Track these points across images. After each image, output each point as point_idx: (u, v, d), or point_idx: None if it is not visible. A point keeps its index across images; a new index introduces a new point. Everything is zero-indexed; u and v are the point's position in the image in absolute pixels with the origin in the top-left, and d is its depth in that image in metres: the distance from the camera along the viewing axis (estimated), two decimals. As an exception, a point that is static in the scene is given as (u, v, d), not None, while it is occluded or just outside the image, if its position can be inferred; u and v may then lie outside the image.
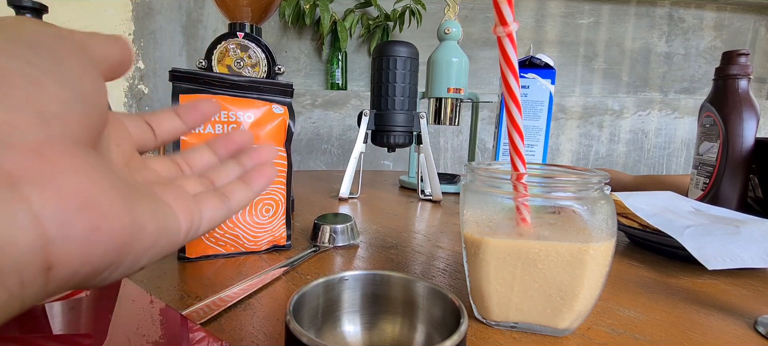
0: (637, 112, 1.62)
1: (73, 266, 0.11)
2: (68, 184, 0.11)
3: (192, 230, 0.16)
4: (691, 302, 0.32)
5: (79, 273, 0.11)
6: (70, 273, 0.11)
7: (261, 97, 0.37)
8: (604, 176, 0.24)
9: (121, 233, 0.12)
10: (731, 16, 1.71)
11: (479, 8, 1.59)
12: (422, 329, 0.22)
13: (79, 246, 0.11)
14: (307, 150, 1.44)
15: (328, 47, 1.53)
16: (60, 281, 0.11)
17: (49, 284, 0.11)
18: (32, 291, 0.10)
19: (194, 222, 0.16)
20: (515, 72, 0.25)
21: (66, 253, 0.11)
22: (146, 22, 1.05)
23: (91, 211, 0.11)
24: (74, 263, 0.11)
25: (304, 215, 0.55)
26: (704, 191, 0.59)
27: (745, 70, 0.55)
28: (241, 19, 0.49)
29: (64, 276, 0.11)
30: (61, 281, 0.11)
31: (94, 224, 0.11)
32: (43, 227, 0.10)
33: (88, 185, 0.11)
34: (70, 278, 0.11)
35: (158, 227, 0.14)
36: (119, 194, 0.12)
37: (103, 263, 0.12)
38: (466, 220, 0.26)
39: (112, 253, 0.12)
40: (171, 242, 0.15)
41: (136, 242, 0.13)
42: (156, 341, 0.18)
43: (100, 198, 0.11)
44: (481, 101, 0.77)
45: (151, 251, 0.14)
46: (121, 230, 0.12)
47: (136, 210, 0.13)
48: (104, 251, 0.11)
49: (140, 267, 0.14)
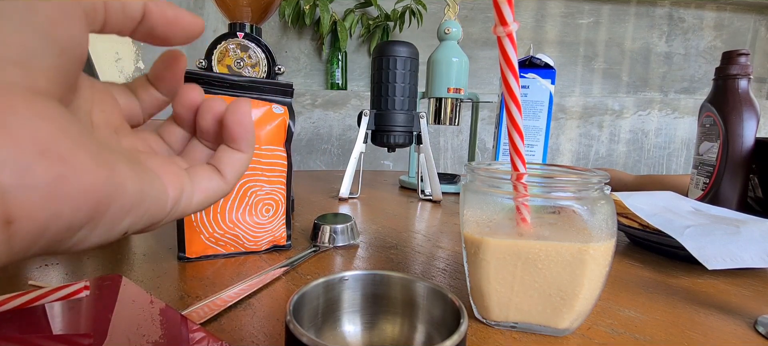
0: (637, 112, 1.62)
1: (39, 220, 0.10)
2: (24, 129, 0.10)
3: (183, 199, 0.16)
4: (691, 302, 0.32)
5: (49, 230, 0.10)
6: (37, 228, 0.10)
7: (261, 97, 0.37)
8: (604, 175, 0.24)
9: (94, 187, 0.11)
10: (731, 16, 1.71)
11: (479, 8, 1.59)
12: (422, 329, 0.22)
13: (42, 197, 0.10)
14: (307, 150, 1.44)
15: (328, 47, 1.53)
16: (25, 237, 0.10)
17: (13, 241, 0.10)
18: None
19: (185, 191, 0.16)
20: (515, 72, 0.25)
21: (27, 204, 0.10)
22: (146, 22, 1.05)
23: (53, 158, 0.10)
24: (39, 217, 0.10)
25: (304, 215, 0.55)
26: (704, 191, 0.59)
27: (745, 70, 0.55)
28: (241, 19, 0.49)
29: (30, 231, 0.10)
30: (26, 237, 0.10)
31: (59, 173, 0.10)
32: None
33: (48, 131, 0.10)
34: (37, 235, 0.10)
35: (141, 189, 0.13)
36: (89, 146, 0.11)
37: (75, 220, 0.11)
38: (466, 220, 0.26)
39: (84, 209, 0.11)
40: (157, 208, 0.14)
41: (112, 200, 0.12)
42: (156, 341, 0.18)
43: (65, 146, 0.10)
44: (481, 101, 0.77)
45: (132, 213, 0.13)
46: (93, 183, 0.11)
47: (113, 166, 0.12)
48: (75, 206, 0.11)
49: (124, 231, 0.13)
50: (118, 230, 0.13)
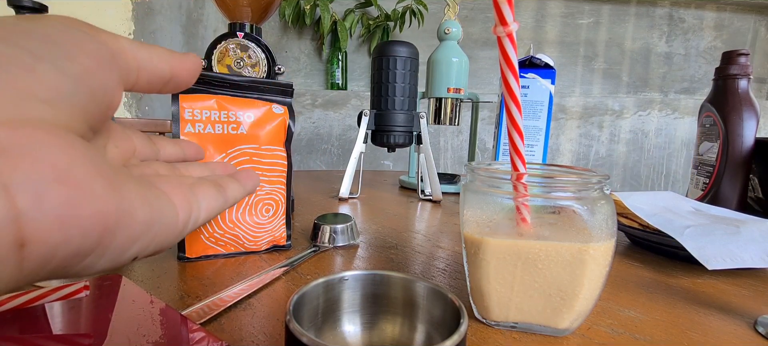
0: (637, 112, 1.62)
1: (50, 245, 0.10)
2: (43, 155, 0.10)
3: (191, 220, 0.16)
4: (691, 302, 0.32)
5: (58, 254, 0.11)
6: (47, 252, 0.10)
7: (261, 97, 0.37)
8: (604, 175, 0.24)
9: (104, 215, 0.11)
10: (731, 17, 1.71)
11: (479, 8, 1.59)
12: (422, 329, 0.22)
13: (54, 222, 0.10)
14: (307, 150, 1.44)
15: (328, 47, 1.53)
16: (36, 261, 0.10)
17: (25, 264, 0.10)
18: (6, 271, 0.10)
19: (192, 212, 0.16)
20: (515, 72, 0.25)
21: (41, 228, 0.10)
22: (146, 22, 1.05)
23: (68, 184, 0.10)
24: (51, 241, 0.10)
25: (304, 215, 0.55)
26: (704, 191, 0.59)
27: (745, 70, 0.55)
28: (241, 19, 0.49)
29: (41, 255, 0.10)
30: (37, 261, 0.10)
31: (71, 199, 0.10)
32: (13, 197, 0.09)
33: (65, 158, 0.11)
34: (47, 259, 0.10)
35: (151, 216, 0.13)
36: (102, 173, 0.12)
37: (83, 246, 0.11)
38: (466, 220, 0.26)
39: (93, 235, 0.11)
40: (168, 232, 0.14)
41: (121, 227, 0.12)
42: (156, 341, 0.18)
43: (79, 173, 0.11)
44: (481, 101, 0.77)
45: (141, 240, 0.13)
46: (103, 210, 0.11)
47: (124, 194, 0.12)
48: (84, 231, 0.11)
49: (132, 257, 0.13)
50: (126, 257, 0.13)
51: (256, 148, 0.36)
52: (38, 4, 0.54)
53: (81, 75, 0.12)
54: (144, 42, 0.16)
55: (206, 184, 0.18)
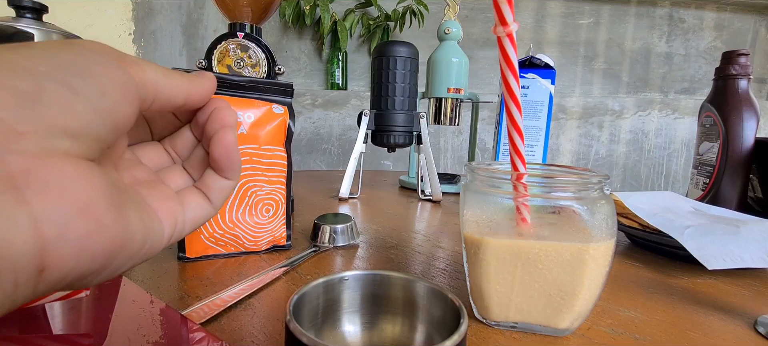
0: (637, 112, 1.62)
1: (65, 269, 0.11)
2: (67, 188, 0.11)
3: (175, 233, 0.17)
4: (691, 302, 0.32)
5: (69, 276, 0.12)
6: (61, 276, 0.11)
7: (261, 97, 0.37)
8: (604, 176, 0.24)
9: (113, 240, 0.12)
10: (731, 17, 1.71)
11: (479, 8, 1.59)
12: (422, 329, 0.22)
13: (72, 250, 0.11)
14: (307, 150, 1.44)
15: (328, 47, 1.53)
16: (50, 283, 0.11)
17: (40, 285, 0.11)
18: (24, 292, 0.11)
19: (177, 225, 0.17)
20: (515, 72, 0.25)
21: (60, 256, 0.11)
22: (146, 22, 1.05)
23: (88, 217, 0.11)
24: (66, 266, 0.11)
25: (304, 215, 0.55)
26: (704, 191, 0.59)
27: (745, 70, 0.55)
28: (241, 19, 0.49)
29: (55, 278, 0.11)
30: (51, 283, 0.11)
31: (90, 232, 0.11)
32: (42, 230, 0.10)
33: (86, 190, 0.12)
34: (59, 281, 0.11)
35: (145, 236, 0.14)
36: (114, 203, 0.13)
37: (91, 268, 0.12)
38: (466, 220, 0.26)
39: (100, 259, 0.12)
40: (154, 247, 0.15)
41: (123, 249, 0.13)
42: (156, 341, 0.18)
43: (98, 207, 0.12)
44: (481, 101, 0.77)
45: (134, 258, 0.14)
46: (113, 237, 0.12)
47: (128, 219, 0.13)
48: (93, 257, 0.12)
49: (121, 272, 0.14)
50: (119, 272, 0.14)
51: (256, 149, 0.36)
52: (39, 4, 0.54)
53: (109, 109, 0.13)
54: (166, 69, 0.16)
55: (193, 193, 0.18)
